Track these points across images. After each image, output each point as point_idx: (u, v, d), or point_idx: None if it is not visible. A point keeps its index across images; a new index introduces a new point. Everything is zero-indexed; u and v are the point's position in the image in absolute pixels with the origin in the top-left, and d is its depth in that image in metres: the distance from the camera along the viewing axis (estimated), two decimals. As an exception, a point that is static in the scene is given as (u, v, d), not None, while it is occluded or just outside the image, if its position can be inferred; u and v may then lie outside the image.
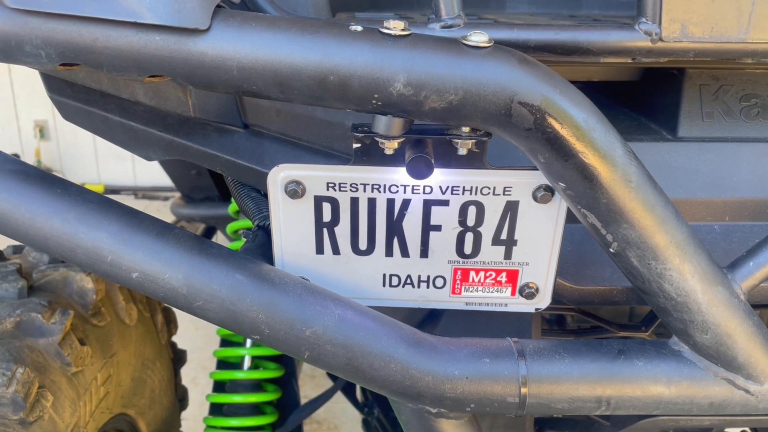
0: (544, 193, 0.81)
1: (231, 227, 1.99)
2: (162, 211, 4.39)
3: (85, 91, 1.01)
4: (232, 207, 2.13)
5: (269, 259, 0.90)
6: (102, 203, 0.81)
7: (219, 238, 3.36)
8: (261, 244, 0.92)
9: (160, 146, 1.03)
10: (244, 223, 1.86)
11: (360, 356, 0.79)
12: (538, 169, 0.80)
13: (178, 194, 2.90)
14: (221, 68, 0.71)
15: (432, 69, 0.69)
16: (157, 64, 0.72)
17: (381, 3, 2.24)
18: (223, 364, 1.84)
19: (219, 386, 1.81)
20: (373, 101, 0.71)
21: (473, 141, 0.76)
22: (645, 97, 1.08)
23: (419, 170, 0.75)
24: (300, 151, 1.00)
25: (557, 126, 0.69)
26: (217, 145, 1.01)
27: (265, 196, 1.09)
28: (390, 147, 0.75)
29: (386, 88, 0.70)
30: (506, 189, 0.81)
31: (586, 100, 0.72)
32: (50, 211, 0.79)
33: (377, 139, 0.75)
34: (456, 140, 0.76)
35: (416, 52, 0.70)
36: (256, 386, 1.77)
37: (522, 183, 0.81)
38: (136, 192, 5.23)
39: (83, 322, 1.22)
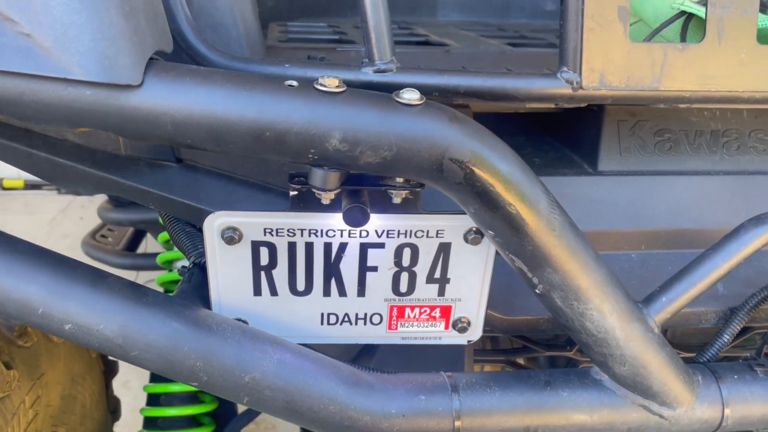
0: (475, 236, 0.84)
1: (162, 258, 1.96)
2: (87, 206, 4.20)
3: (7, 127, 0.98)
4: (165, 217, 2.10)
5: (206, 298, 0.90)
6: (31, 253, 0.79)
7: (149, 241, 3.28)
8: (197, 285, 0.92)
9: (90, 182, 1.01)
10: (177, 254, 1.84)
11: (299, 400, 0.80)
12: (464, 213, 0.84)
13: (104, 197, 2.81)
14: (154, 123, 0.71)
15: (366, 126, 0.71)
16: (88, 118, 0.71)
17: (311, 10, 2.23)
18: (157, 375, 1.81)
19: (153, 398, 1.79)
20: (310, 155, 0.72)
21: (407, 191, 0.78)
22: (569, 129, 1.14)
23: (355, 219, 0.77)
24: (235, 185, 1.01)
25: (486, 180, 0.72)
26: (150, 181, 1.00)
27: (200, 230, 1.09)
28: (327, 198, 0.77)
29: (322, 143, 0.71)
30: (439, 232, 0.84)
31: (513, 154, 0.75)
32: (-24, 264, 0.77)
33: (314, 190, 0.77)
34: (391, 190, 0.78)
35: (351, 109, 0.71)
36: (193, 398, 1.76)
37: (454, 226, 0.84)
38: (59, 188, 5.01)
39: (8, 344, 1.19)
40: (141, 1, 0.71)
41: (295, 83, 0.73)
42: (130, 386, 3.00)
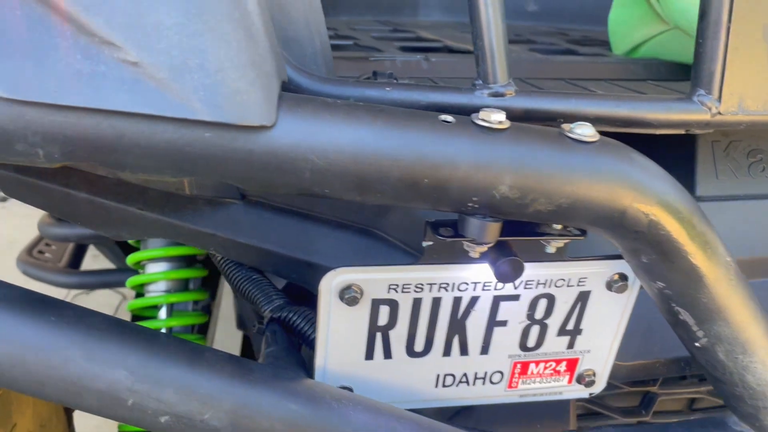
0: (622, 284, 0.75)
1: (132, 258, 1.77)
2: (-1, 213, 3.78)
3: (40, 163, 0.80)
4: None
5: (300, 361, 0.77)
6: (114, 329, 0.64)
7: (90, 255, 3.00)
8: (287, 347, 0.79)
9: (139, 226, 0.85)
10: (147, 253, 1.64)
11: (440, 485, 0.69)
12: (614, 258, 0.74)
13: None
14: (290, 171, 0.57)
15: (542, 170, 0.60)
16: (204, 166, 0.57)
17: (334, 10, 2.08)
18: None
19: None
20: (470, 204, 0.61)
21: (566, 239, 0.68)
22: (654, 152, 1.06)
23: (508, 273, 0.65)
24: (307, 223, 0.87)
25: (671, 227, 0.63)
26: (211, 222, 0.85)
27: (260, 273, 0.94)
28: (479, 251, 0.65)
29: (489, 191, 0.60)
30: (581, 280, 0.74)
31: (689, 195, 0.66)
32: (47, 348, 0.61)
33: (465, 242, 0.65)
34: (548, 239, 0.67)
35: (522, 149, 0.60)
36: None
37: (597, 273, 0.74)
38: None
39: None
40: (261, 22, 0.57)
41: (450, 118, 0.61)
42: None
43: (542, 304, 0.75)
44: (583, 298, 0.76)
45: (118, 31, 0.52)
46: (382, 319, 0.72)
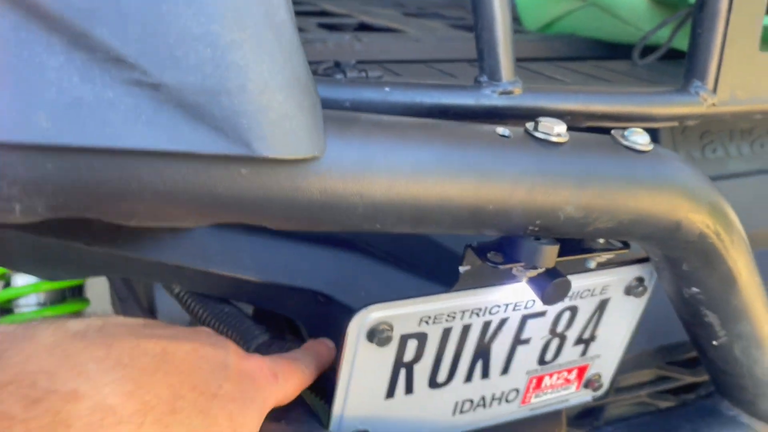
0: (642, 287, 0.72)
1: (4, 295, 1.52)
2: None
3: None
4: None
5: (305, 408, 0.67)
6: None
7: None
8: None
9: (85, 264, 0.69)
10: (20, 290, 1.41)
11: None
12: (634, 263, 0.71)
13: None
14: (341, 207, 0.47)
15: (608, 186, 0.55)
16: (236, 209, 0.45)
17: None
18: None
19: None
20: (531, 228, 0.54)
21: (610, 254, 0.63)
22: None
23: (557, 296, 0.60)
24: (281, 241, 0.77)
25: (719, 235, 0.61)
26: (175, 252, 0.71)
27: (229, 304, 0.82)
28: (530, 275, 0.59)
29: (554, 212, 0.54)
30: (604, 288, 0.71)
31: (726, 200, 0.64)
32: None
33: (516, 267, 0.58)
34: (595, 256, 0.62)
35: (586, 164, 0.54)
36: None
37: (618, 280, 0.71)
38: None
39: None
40: (293, 29, 0.46)
41: (507, 132, 0.54)
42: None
43: (565, 317, 0.71)
44: (602, 306, 0.72)
45: (130, 44, 0.39)
46: (408, 355, 0.64)
